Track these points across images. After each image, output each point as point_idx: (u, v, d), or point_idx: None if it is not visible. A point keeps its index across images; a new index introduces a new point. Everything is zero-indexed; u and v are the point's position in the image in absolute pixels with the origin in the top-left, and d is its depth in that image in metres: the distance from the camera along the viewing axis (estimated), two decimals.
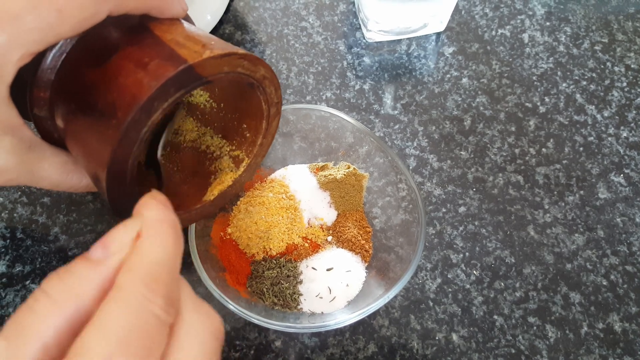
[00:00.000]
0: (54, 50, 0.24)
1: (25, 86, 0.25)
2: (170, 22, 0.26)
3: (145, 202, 0.20)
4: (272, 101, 0.30)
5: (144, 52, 0.24)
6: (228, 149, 0.33)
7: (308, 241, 0.39)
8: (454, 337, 0.38)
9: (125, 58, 0.24)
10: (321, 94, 0.48)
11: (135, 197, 0.25)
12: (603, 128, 0.47)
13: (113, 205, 0.25)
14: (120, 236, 0.19)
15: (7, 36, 0.20)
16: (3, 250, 0.41)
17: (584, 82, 0.49)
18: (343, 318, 0.33)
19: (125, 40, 0.24)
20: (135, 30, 0.25)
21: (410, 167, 0.45)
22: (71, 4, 0.21)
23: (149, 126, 0.23)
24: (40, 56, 0.24)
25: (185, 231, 0.36)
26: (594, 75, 0.49)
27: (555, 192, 0.44)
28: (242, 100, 0.31)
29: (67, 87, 0.25)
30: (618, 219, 0.43)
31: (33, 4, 0.20)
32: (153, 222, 0.19)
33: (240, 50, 0.25)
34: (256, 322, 0.32)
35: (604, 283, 0.40)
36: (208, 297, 0.38)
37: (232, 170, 0.33)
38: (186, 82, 0.23)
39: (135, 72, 0.23)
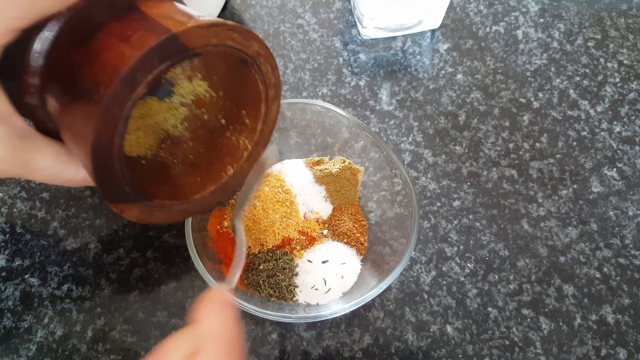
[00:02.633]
0: (41, 34, 0.24)
1: (15, 74, 0.24)
2: (160, 1, 0.25)
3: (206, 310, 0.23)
4: (269, 82, 0.29)
5: (128, 27, 0.23)
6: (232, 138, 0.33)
7: (304, 235, 0.39)
8: (449, 329, 0.39)
9: (109, 34, 0.23)
10: (317, 90, 0.49)
11: (124, 180, 0.25)
12: (596, 123, 0.47)
13: (101, 188, 0.24)
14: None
15: None
16: (2, 244, 0.41)
17: (578, 78, 0.50)
18: (338, 308, 0.33)
19: (111, 18, 0.24)
20: (123, 9, 0.24)
21: (406, 162, 0.45)
22: None
23: (133, 101, 0.22)
24: (29, 41, 0.24)
25: (182, 225, 0.36)
26: (587, 71, 0.50)
27: (549, 186, 0.44)
28: (240, 86, 0.31)
29: (56, 71, 0.25)
30: (611, 212, 0.43)
31: None
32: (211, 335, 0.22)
33: (230, 22, 0.24)
34: (252, 312, 0.33)
35: (597, 275, 0.41)
36: (205, 289, 0.39)
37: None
38: (171, 52, 0.22)
39: (117, 46, 0.22)
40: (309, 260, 0.38)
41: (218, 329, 0.23)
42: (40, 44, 0.24)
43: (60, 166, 0.27)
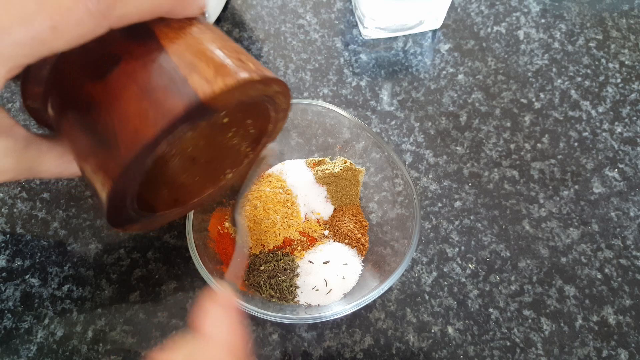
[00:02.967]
0: None
1: (18, 76, 0.24)
2: (180, 26, 0.23)
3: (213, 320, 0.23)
4: (280, 108, 0.29)
5: (149, 73, 0.21)
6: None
7: (305, 235, 0.39)
8: (450, 329, 0.38)
9: (127, 75, 0.22)
10: (318, 90, 0.49)
11: (133, 212, 0.25)
12: (597, 123, 0.47)
13: (110, 221, 0.24)
14: None
15: None
16: (3, 245, 0.41)
17: (579, 79, 0.49)
18: (339, 309, 0.33)
19: (127, 46, 0.22)
20: (139, 33, 0.22)
21: (407, 163, 0.45)
22: (67, 20, 0.19)
23: (153, 158, 0.22)
24: None
25: (183, 226, 0.36)
26: (588, 71, 0.50)
27: (550, 187, 0.44)
28: (250, 106, 0.30)
29: (62, 88, 0.24)
30: (612, 213, 0.43)
31: (25, 18, 0.19)
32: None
33: (256, 76, 0.22)
34: (253, 313, 0.33)
35: (599, 276, 0.41)
36: (205, 289, 0.39)
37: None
38: (194, 116, 0.21)
39: (139, 100, 0.21)
40: (310, 261, 0.38)
41: (223, 334, 0.23)
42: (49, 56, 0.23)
43: (65, 165, 0.27)
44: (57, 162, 0.27)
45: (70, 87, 0.23)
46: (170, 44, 0.22)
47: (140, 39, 0.22)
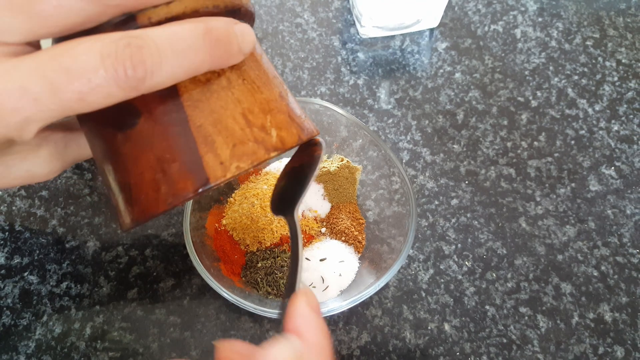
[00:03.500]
0: None
1: None
2: (207, 78, 0.21)
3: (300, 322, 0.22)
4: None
5: (167, 143, 0.21)
6: None
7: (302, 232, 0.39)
8: (446, 326, 0.39)
9: (145, 139, 0.21)
10: (316, 89, 0.49)
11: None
12: (594, 122, 0.47)
13: (123, 229, 0.25)
14: None
15: (26, 115, 0.19)
16: (2, 242, 0.41)
17: (576, 77, 0.50)
18: (335, 306, 0.34)
19: (148, 102, 0.21)
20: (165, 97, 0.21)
21: (404, 161, 0.45)
22: (96, 93, 0.19)
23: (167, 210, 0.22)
24: None
25: (181, 223, 0.36)
26: (585, 70, 0.50)
27: (547, 185, 0.44)
28: None
29: (89, 120, 0.24)
30: (609, 211, 0.43)
31: (55, 89, 0.18)
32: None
33: (274, 153, 0.22)
34: (251, 310, 0.33)
35: (595, 274, 0.41)
36: (204, 286, 0.39)
37: None
38: (202, 192, 0.21)
39: (154, 171, 0.21)
40: (307, 258, 0.38)
41: (321, 340, 0.22)
42: None
43: (37, 168, 0.26)
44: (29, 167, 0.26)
45: (95, 121, 0.23)
46: (192, 108, 0.21)
47: (162, 95, 0.21)
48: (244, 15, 0.24)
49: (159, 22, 0.20)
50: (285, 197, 0.27)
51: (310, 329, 0.21)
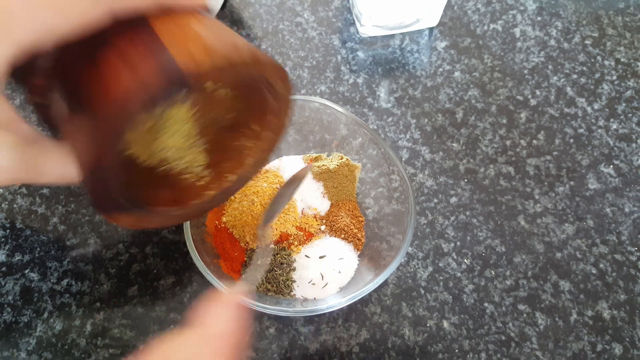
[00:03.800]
0: None
1: (23, 73, 0.24)
2: (177, 15, 0.23)
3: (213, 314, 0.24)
4: (279, 95, 0.29)
5: (136, 49, 0.22)
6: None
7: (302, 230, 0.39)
8: (445, 324, 0.39)
9: (115, 54, 0.22)
10: (315, 87, 0.49)
11: (119, 192, 0.25)
12: (593, 120, 0.47)
13: (95, 203, 0.25)
14: None
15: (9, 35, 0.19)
16: (3, 239, 0.41)
17: (575, 76, 0.50)
18: (335, 303, 0.34)
19: (122, 34, 0.22)
20: (135, 22, 0.23)
21: (403, 159, 0.45)
22: (73, 8, 0.20)
23: (132, 126, 0.22)
24: None
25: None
26: (584, 68, 0.50)
27: (546, 183, 0.44)
28: (248, 92, 0.30)
29: (63, 78, 0.24)
30: (607, 209, 0.43)
31: (33, 4, 0.19)
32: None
33: (247, 57, 0.22)
34: (250, 307, 0.33)
35: (593, 271, 0.41)
36: (204, 284, 0.39)
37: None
38: (178, 91, 0.21)
39: (123, 74, 0.21)
40: (306, 256, 0.38)
41: (224, 330, 0.23)
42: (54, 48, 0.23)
43: (67, 167, 0.26)
44: (59, 163, 0.26)
45: (69, 76, 0.24)
46: (164, 29, 0.22)
47: (134, 25, 0.22)
48: None
49: None
50: None
51: (215, 319, 0.24)
